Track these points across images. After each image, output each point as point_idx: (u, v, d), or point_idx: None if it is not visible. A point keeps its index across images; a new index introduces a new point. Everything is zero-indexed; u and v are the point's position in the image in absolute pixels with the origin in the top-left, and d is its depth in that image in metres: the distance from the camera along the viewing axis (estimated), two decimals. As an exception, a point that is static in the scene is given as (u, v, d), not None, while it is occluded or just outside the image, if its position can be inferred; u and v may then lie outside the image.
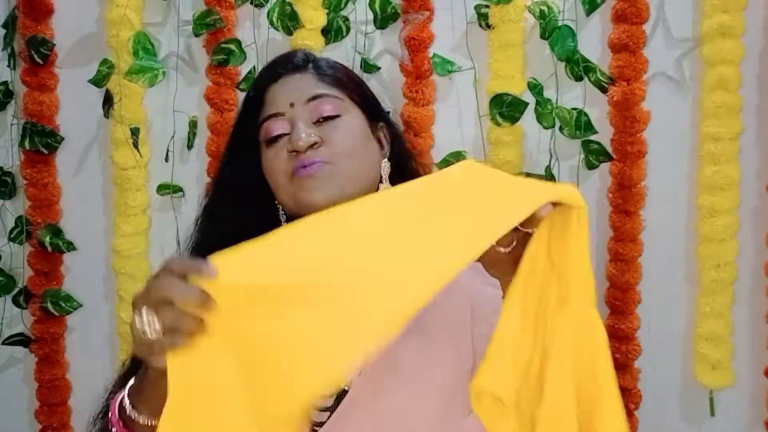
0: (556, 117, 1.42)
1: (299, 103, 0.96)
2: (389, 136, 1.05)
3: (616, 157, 1.42)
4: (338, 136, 0.95)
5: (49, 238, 1.57)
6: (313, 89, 0.98)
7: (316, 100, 0.96)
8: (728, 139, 1.38)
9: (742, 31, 1.37)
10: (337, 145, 0.94)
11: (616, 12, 1.39)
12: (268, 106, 0.98)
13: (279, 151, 0.96)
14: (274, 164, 0.96)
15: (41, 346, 1.60)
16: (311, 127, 0.95)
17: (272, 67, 1.03)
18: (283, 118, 0.96)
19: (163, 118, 1.55)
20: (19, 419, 1.67)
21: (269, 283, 0.60)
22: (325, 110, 0.96)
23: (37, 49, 1.54)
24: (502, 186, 0.66)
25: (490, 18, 1.43)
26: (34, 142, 1.56)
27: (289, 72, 1.00)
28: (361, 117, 1.00)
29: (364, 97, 1.03)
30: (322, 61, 1.03)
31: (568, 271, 0.64)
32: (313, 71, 1.00)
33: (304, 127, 0.94)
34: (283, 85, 0.99)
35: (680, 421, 1.47)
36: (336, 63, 1.05)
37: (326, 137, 0.95)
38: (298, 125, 0.94)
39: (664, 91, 1.42)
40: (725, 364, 1.42)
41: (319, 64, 1.02)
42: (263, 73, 1.04)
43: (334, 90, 0.99)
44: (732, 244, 1.40)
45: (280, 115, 0.97)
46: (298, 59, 1.02)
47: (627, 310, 1.43)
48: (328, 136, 0.95)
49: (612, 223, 1.43)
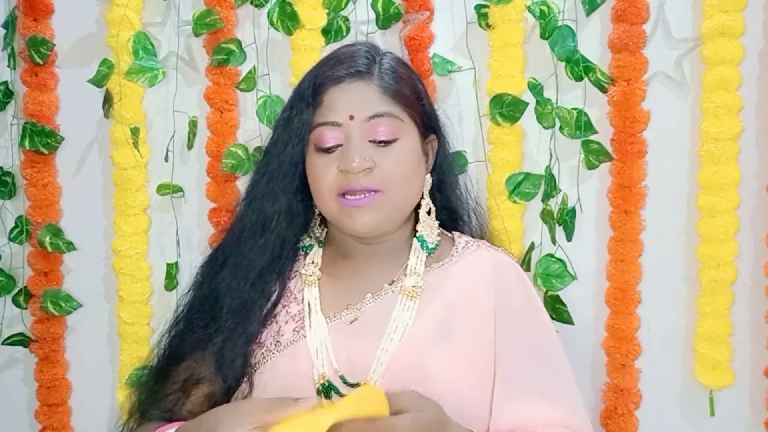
0: (556, 117, 1.42)
1: (359, 118, 0.94)
2: (436, 147, 1.05)
3: (616, 157, 1.42)
4: (392, 163, 0.94)
5: (49, 238, 1.57)
6: (375, 105, 0.95)
7: (377, 119, 0.95)
8: (728, 139, 1.38)
9: (742, 31, 1.37)
10: (389, 172, 0.94)
11: (616, 12, 1.39)
12: (325, 110, 0.96)
13: (329, 164, 0.95)
14: (322, 175, 0.95)
15: (41, 346, 1.60)
16: (367, 146, 0.94)
17: (335, 66, 0.99)
18: (339, 128, 0.95)
19: (163, 118, 1.55)
20: (19, 419, 1.67)
21: None
22: (383, 134, 0.95)
23: (37, 49, 1.54)
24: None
25: (490, 18, 1.43)
26: (34, 142, 1.56)
27: (353, 78, 0.97)
28: (416, 136, 0.99)
29: (423, 114, 1.01)
30: (387, 64, 1.00)
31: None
32: (377, 81, 0.97)
33: (360, 149, 0.93)
34: (345, 91, 0.96)
35: (680, 421, 1.47)
36: (400, 69, 1.02)
37: (380, 162, 0.94)
38: (354, 144, 0.93)
39: (664, 91, 1.42)
40: (725, 364, 1.41)
41: (383, 71, 0.98)
42: (324, 70, 1.00)
43: (396, 107, 0.97)
44: (732, 244, 1.40)
45: (337, 125, 0.95)
46: (362, 63, 0.98)
47: (627, 310, 1.43)
48: (382, 161, 0.94)
49: (612, 223, 1.43)
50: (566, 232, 1.44)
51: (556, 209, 1.44)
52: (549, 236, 1.44)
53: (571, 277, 1.43)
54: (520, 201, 1.44)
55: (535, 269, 1.44)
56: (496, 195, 1.44)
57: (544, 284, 1.43)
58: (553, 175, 1.44)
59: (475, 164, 1.47)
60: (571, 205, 1.44)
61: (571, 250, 1.44)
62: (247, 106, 1.52)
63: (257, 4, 1.50)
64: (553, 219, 1.44)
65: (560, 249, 1.44)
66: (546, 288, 1.43)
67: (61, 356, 1.63)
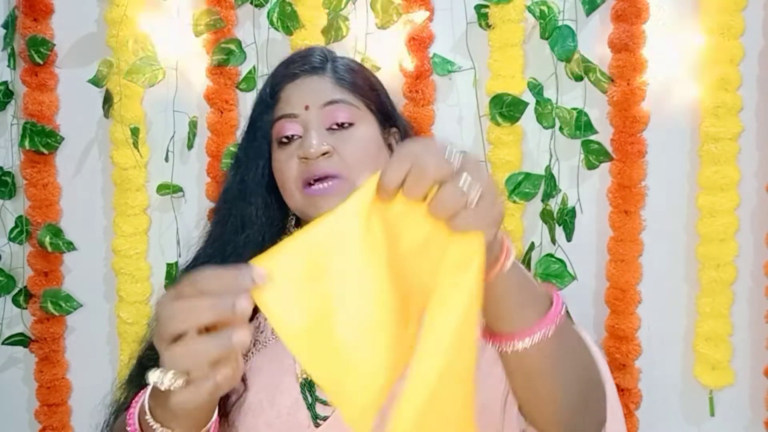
0: (556, 117, 1.42)
1: (314, 107, 0.95)
2: (400, 140, 1.05)
3: (616, 157, 1.42)
4: (351, 147, 0.94)
5: (49, 238, 1.57)
6: (329, 94, 0.97)
7: (332, 105, 0.96)
8: (728, 139, 1.38)
9: (742, 31, 1.37)
10: (349, 157, 0.93)
11: (616, 12, 1.39)
12: (282, 105, 0.98)
13: (290, 156, 0.95)
14: (285, 168, 0.96)
15: (41, 346, 1.60)
16: (324, 133, 0.94)
17: (290, 65, 1.01)
18: (296, 120, 0.96)
19: (163, 118, 1.56)
20: (19, 419, 1.67)
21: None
22: (339, 117, 0.95)
23: (37, 49, 1.54)
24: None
25: (490, 18, 1.43)
26: (34, 142, 1.56)
27: (307, 73, 0.99)
28: (375, 125, 0.99)
29: (379, 104, 1.02)
30: (341, 62, 1.02)
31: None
32: (330, 74, 0.99)
33: (317, 134, 0.93)
34: (300, 85, 0.98)
35: (680, 421, 1.47)
36: (355, 65, 1.04)
37: (339, 147, 0.94)
38: (311, 131, 0.94)
39: (664, 91, 1.42)
40: (725, 364, 1.42)
41: (337, 67, 1.00)
42: (280, 70, 1.02)
43: (351, 96, 0.98)
44: (732, 244, 1.40)
45: (293, 116, 0.96)
46: (317, 60, 1.00)
47: (627, 310, 1.43)
48: (341, 146, 0.94)
49: (612, 223, 1.43)
50: (566, 232, 1.44)
51: (556, 209, 1.44)
52: (549, 236, 1.44)
53: (571, 277, 1.43)
54: (520, 201, 1.44)
55: (535, 269, 1.44)
56: (496, 195, 1.44)
57: (544, 284, 1.43)
58: (553, 175, 1.44)
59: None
60: (571, 205, 1.44)
61: (571, 250, 1.44)
62: (247, 106, 1.51)
63: (257, 4, 1.50)
64: (553, 219, 1.44)
65: (560, 249, 1.44)
66: (546, 288, 1.43)
67: (61, 356, 1.63)
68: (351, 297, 0.55)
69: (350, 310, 0.55)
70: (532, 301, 0.67)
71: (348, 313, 0.55)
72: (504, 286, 0.64)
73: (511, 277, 0.64)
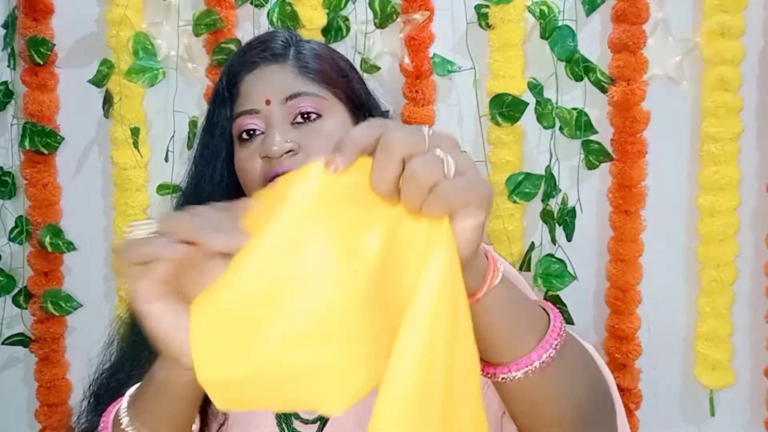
0: (556, 117, 1.42)
1: (276, 102, 0.86)
2: None
3: (616, 157, 1.42)
4: (317, 142, 0.84)
5: (49, 238, 1.57)
6: (291, 86, 0.87)
7: (295, 99, 0.86)
8: (728, 139, 1.38)
9: (742, 31, 1.37)
10: (316, 153, 0.83)
11: (616, 12, 1.39)
12: (242, 100, 0.89)
13: (252, 154, 0.87)
14: (248, 167, 0.87)
15: (41, 346, 1.60)
16: (288, 129, 0.85)
17: (248, 53, 0.91)
18: (258, 116, 0.87)
19: (163, 118, 1.55)
20: (19, 419, 1.67)
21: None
22: (304, 109, 0.86)
23: (37, 49, 1.54)
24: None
25: (490, 18, 1.43)
26: (34, 142, 1.56)
27: (267, 61, 0.89)
28: (345, 115, 0.90)
29: (349, 92, 0.92)
30: (305, 47, 0.92)
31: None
32: (294, 62, 0.89)
33: (279, 132, 0.84)
34: (259, 77, 0.89)
35: (680, 421, 1.47)
36: (321, 49, 0.94)
37: (304, 143, 0.85)
38: (273, 128, 0.85)
39: (664, 91, 1.42)
40: (725, 364, 1.42)
41: (301, 53, 0.90)
42: (237, 58, 0.92)
43: (316, 86, 0.88)
44: (732, 244, 1.40)
45: (254, 112, 0.87)
46: (278, 46, 0.90)
47: (627, 310, 1.43)
48: (306, 141, 0.85)
49: (612, 223, 1.43)
50: (566, 232, 1.44)
51: (556, 209, 1.44)
52: (549, 236, 1.44)
53: (571, 277, 1.43)
54: (520, 201, 1.44)
55: (535, 269, 1.44)
56: (496, 195, 1.44)
57: (544, 284, 1.43)
58: (553, 175, 1.44)
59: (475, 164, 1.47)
60: (571, 205, 1.44)
61: (571, 250, 1.44)
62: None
63: (257, 4, 1.50)
64: (553, 219, 1.44)
65: (560, 249, 1.44)
66: (546, 288, 1.43)
67: (61, 356, 1.63)
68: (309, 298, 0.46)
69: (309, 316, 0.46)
70: (527, 322, 0.59)
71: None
72: (493, 307, 0.55)
73: (502, 296, 0.56)
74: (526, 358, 0.57)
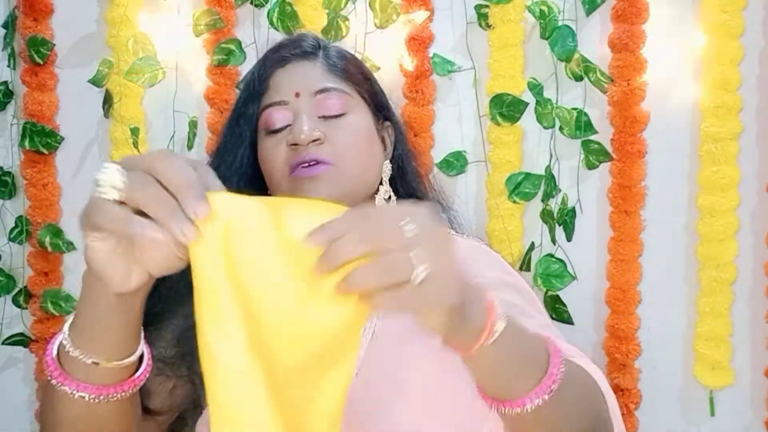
0: (556, 117, 1.42)
1: (305, 95, 0.91)
2: (394, 136, 1.02)
3: (616, 157, 1.42)
4: (343, 135, 0.90)
5: (49, 238, 1.57)
6: (321, 81, 0.92)
7: (324, 93, 0.91)
8: (728, 139, 1.38)
9: (742, 31, 1.37)
10: (340, 145, 0.89)
11: (616, 12, 1.39)
12: (271, 92, 0.93)
13: (278, 143, 0.91)
14: (272, 156, 0.91)
15: (41, 346, 1.60)
16: (315, 121, 0.90)
17: (280, 49, 0.96)
18: (286, 107, 0.91)
19: (163, 118, 1.55)
20: (19, 419, 1.67)
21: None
22: (331, 106, 0.91)
23: (37, 49, 1.54)
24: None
25: (490, 18, 1.43)
26: (34, 142, 1.56)
27: (298, 58, 0.94)
28: (367, 115, 0.95)
29: (372, 94, 0.98)
30: (333, 49, 0.98)
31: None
32: (323, 60, 0.94)
33: (308, 121, 0.89)
34: (290, 71, 0.93)
35: (680, 421, 1.47)
36: (347, 53, 1.00)
37: (330, 135, 0.90)
38: (302, 117, 0.89)
39: (664, 91, 1.42)
40: (725, 364, 1.42)
41: (329, 53, 0.96)
42: (270, 54, 0.97)
43: (343, 84, 0.93)
44: (731, 244, 1.40)
45: (283, 104, 0.91)
46: (308, 45, 0.96)
47: (627, 310, 1.43)
48: (333, 134, 0.90)
49: (612, 223, 1.43)
50: (566, 232, 1.44)
51: (556, 209, 1.44)
52: (549, 236, 1.44)
53: (571, 277, 1.43)
54: (520, 201, 1.44)
55: (535, 269, 1.44)
56: (496, 195, 1.44)
57: (544, 284, 1.43)
58: (553, 175, 1.44)
59: (475, 164, 1.47)
60: (571, 205, 1.44)
61: (571, 250, 1.44)
62: (247, 106, 1.52)
63: (257, 4, 1.50)
64: (553, 219, 1.44)
65: (560, 249, 1.44)
66: (546, 288, 1.43)
67: (61, 356, 1.62)
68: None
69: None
70: (523, 370, 0.60)
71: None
72: (491, 358, 0.57)
73: (501, 347, 0.56)
74: (519, 401, 0.59)
